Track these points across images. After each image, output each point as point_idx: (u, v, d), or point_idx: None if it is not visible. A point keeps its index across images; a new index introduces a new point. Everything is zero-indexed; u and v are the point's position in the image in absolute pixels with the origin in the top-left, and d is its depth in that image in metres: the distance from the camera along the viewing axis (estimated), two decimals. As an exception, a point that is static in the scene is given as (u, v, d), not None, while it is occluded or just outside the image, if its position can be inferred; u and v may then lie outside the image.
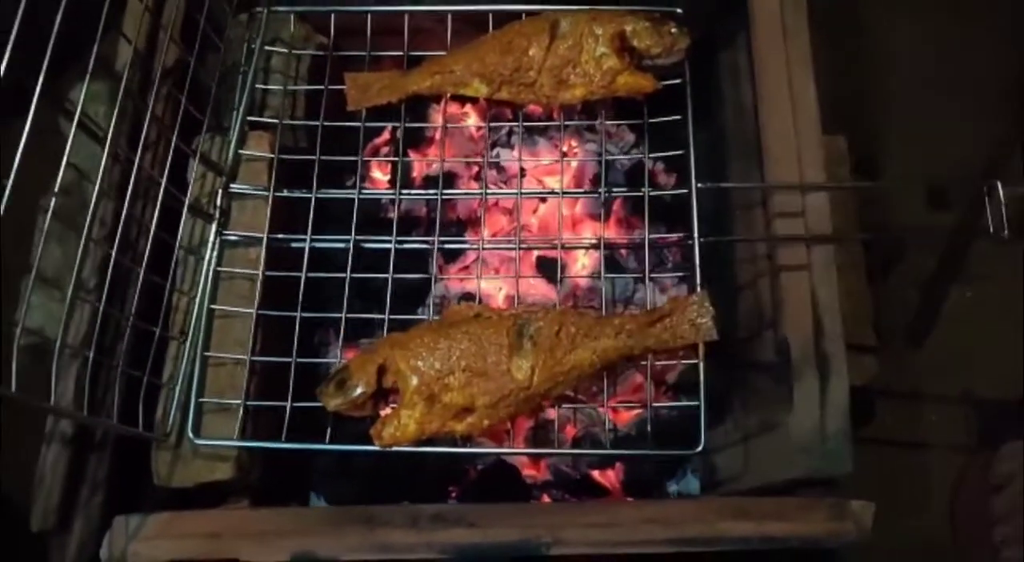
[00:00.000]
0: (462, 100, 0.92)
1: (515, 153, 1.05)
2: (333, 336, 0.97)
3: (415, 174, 1.08)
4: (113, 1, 0.69)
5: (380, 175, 1.11)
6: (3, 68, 0.58)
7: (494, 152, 1.05)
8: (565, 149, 1.03)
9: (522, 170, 0.93)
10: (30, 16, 0.60)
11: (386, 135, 1.11)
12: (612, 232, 1.02)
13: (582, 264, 1.02)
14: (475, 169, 1.07)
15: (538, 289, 0.99)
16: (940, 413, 1.20)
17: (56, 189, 0.65)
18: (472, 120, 1.08)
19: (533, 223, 1.05)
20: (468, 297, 0.98)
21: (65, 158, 0.66)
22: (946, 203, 1.28)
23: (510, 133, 1.06)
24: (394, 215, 0.87)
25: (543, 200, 1.04)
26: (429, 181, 1.05)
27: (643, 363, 0.78)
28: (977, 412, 1.19)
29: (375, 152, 1.11)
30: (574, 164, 1.05)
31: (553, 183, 1.05)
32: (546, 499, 0.98)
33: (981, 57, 1.41)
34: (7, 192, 0.60)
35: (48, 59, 0.62)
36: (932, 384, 1.21)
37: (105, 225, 0.80)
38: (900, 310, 1.24)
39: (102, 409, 0.75)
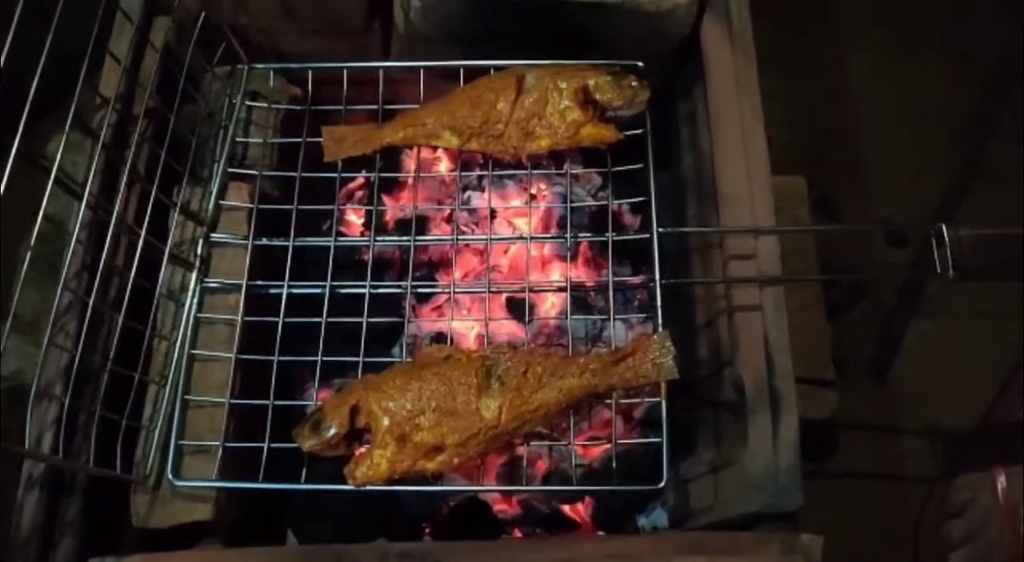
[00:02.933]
0: (434, 146, 0.96)
1: (485, 196, 1.09)
2: (309, 378, 0.99)
3: (388, 217, 1.11)
4: (90, 56, 0.73)
5: (354, 218, 1.14)
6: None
7: (465, 195, 1.08)
8: (534, 192, 1.08)
9: (492, 211, 0.97)
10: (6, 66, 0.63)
11: (360, 179, 1.15)
12: (579, 272, 1.06)
13: (551, 303, 1.05)
14: (447, 211, 1.11)
15: (508, 328, 1.03)
16: (901, 445, 1.24)
17: (33, 238, 0.68)
18: (443, 165, 1.12)
19: (503, 264, 1.08)
20: (440, 337, 1.01)
21: (42, 212, 0.69)
22: (903, 240, 1.34)
23: (480, 176, 1.10)
24: (368, 259, 0.91)
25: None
26: (402, 225, 1.08)
27: (608, 401, 0.81)
28: (936, 443, 1.23)
29: (349, 196, 1.15)
30: (542, 207, 1.09)
31: (522, 224, 1.09)
32: (517, 534, 1.00)
33: (934, 97, 1.48)
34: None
35: (26, 114, 0.65)
36: (893, 417, 1.25)
37: (83, 272, 0.82)
38: (861, 345, 1.28)
39: (79, 452, 0.77)
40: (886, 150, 1.45)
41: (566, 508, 1.01)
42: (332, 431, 0.76)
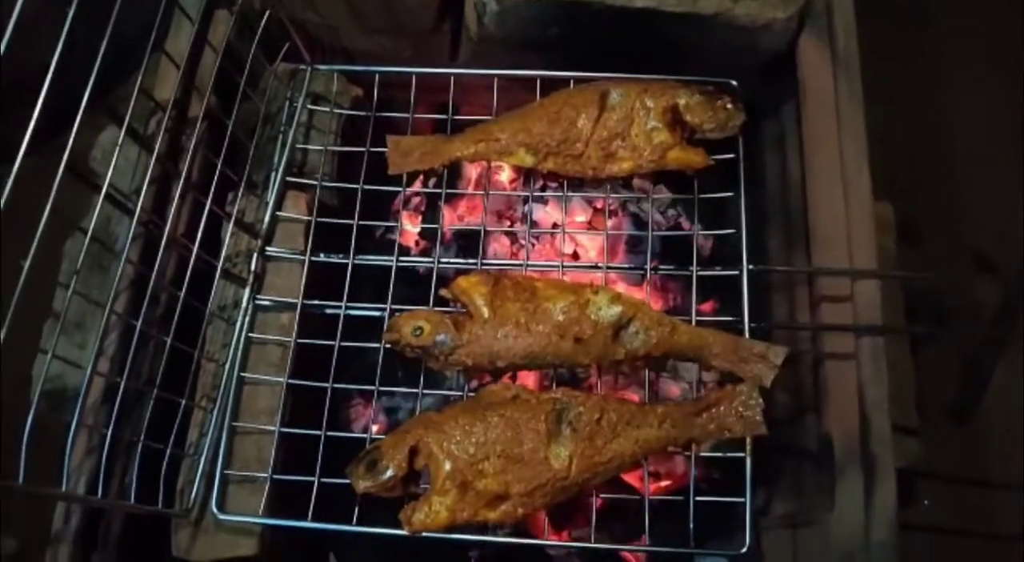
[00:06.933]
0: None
1: (547, 210, 1.03)
2: (362, 406, 0.94)
3: (447, 227, 1.05)
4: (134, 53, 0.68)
5: (410, 227, 1.08)
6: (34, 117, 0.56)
7: (526, 207, 1.02)
8: (600, 206, 1.01)
9: (555, 227, 0.90)
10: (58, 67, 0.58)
11: (418, 185, 1.09)
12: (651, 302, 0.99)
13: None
14: (507, 223, 1.05)
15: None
16: (985, 497, 1.15)
17: (84, 249, 0.63)
18: (505, 175, 1.06)
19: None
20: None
21: (91, 230, 0.64)
22: (992, 267, 1.25)
23: (544, 187, 1.04)
24: (427, 275, 0.85)
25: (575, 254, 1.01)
26: (462, 238, 1.02)
27: (686, 453, 0.75)
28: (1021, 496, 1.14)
29: (406, 202, 1.09)
30: (611, 223, 1.02)
31: (585, 241, 1.02)
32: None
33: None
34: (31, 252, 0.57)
35: (78, 121, 0.60)
36: (977, 466, 1.16)
37: (131, 288, 0.77)
38: (943, 383, 1.20)
39: (120, 481, 0.73)
40: (974, 174, 1.35)
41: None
42: (389, 473, 0.71)
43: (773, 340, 0.91)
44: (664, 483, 0.95)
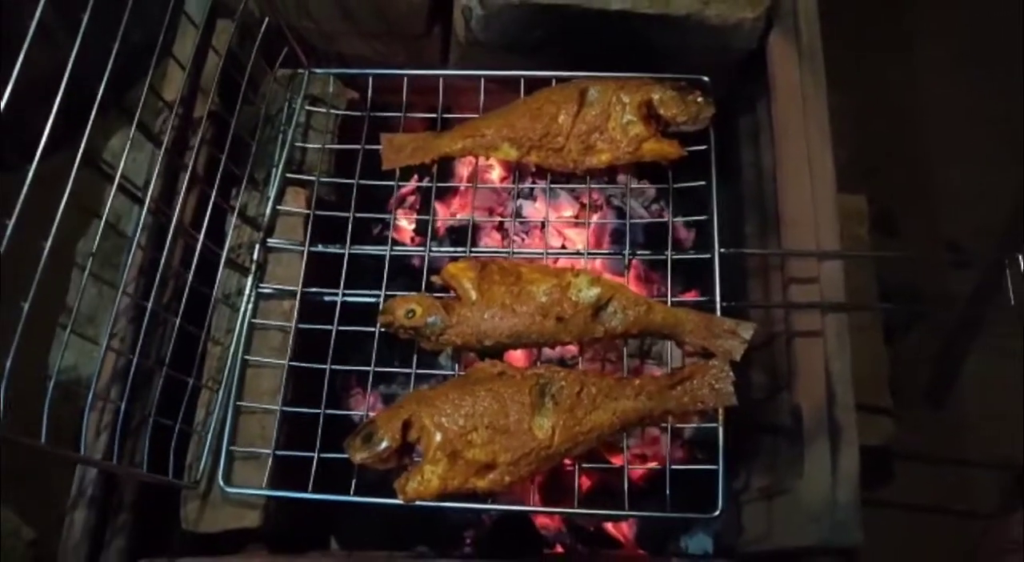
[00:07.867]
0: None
1: (537, 205, 1.08)
2: (361, 388, 0.99)
3: (440, 222, 1.10)
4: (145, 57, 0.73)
5: (404, 223, 1.13)
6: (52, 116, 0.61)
7: (516, 203, 1.07)
8: (586, 201, 1.06)
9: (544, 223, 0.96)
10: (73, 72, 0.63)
11: (412, 183, 1.14)
12: (632, 287, 1.04)
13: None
14: (497, 218, 1.10)
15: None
16: (959, 476, 1.19)
17: (97, 240, 0.68)
18: (496, 173, 1.11)
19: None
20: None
21: (104, 217, 0.69)
22: (967, 261, 1.30)
23: (533, 182, 1.09)
24: (424, 268, 0.90)
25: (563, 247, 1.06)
26: (453, 232, 1.07)
27: (663, 425, 0.80)
28: (995, 475, 1.18)
29: (401, 200, 1.14)
30: (595, 220, 1.07)
31: (573, 235, 1.07)
32: (559, 549, 0.99)
33: (1004, 114, 1.42)
34: (51, 235, 0.62)
35: (92, 117, 0.65)
36: (950, 446, 1.21)
37: (141, 276, 0.82)
38: (920, 369, 1.24)
39: (132, 456, 0.78)
40: (951, 166, 1.40)
41: (609, 526, 1.00)
42: (384, 444, 0.75)
43: (744, 317, 0.96)
44: (650, 464, 1.00)
